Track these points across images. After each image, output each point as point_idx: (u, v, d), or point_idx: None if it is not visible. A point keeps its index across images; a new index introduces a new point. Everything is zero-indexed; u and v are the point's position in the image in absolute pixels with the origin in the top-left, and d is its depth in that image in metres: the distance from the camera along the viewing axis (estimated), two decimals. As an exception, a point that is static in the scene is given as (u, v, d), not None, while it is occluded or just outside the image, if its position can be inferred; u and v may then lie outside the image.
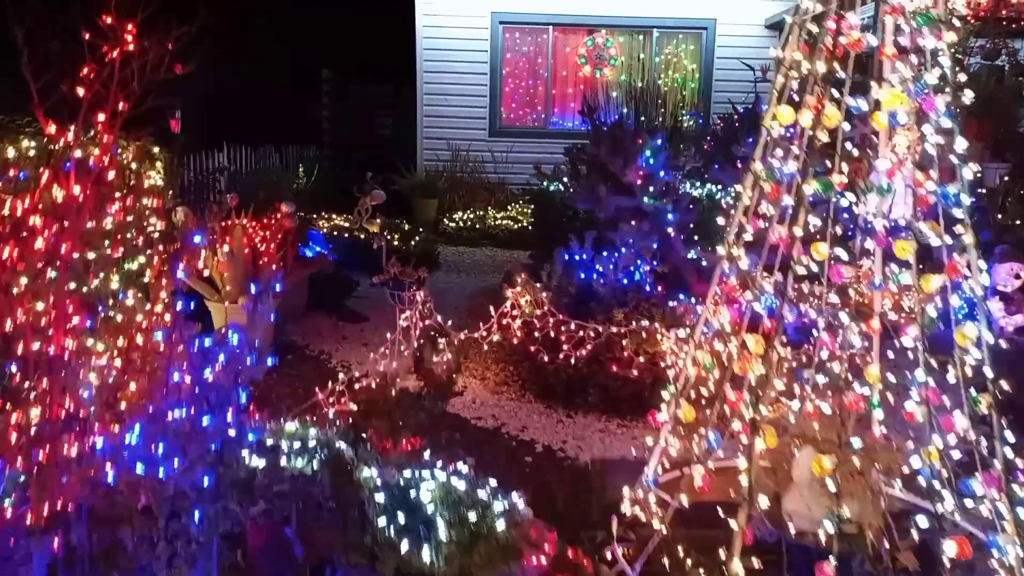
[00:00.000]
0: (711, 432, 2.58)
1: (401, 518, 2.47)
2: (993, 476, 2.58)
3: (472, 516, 2.45)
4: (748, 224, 2.82)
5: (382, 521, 2.56)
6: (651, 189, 5.41)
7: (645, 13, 11.59)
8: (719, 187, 6.61)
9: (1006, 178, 6.37)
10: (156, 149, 4.88)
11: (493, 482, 2.85)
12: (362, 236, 8.76)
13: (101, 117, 2.32)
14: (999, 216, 5.97)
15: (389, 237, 8.44)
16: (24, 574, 2.46)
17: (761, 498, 2.47)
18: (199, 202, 6.83)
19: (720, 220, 5.97)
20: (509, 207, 11.19)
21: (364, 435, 3.63)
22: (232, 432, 2.59)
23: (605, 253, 5.07)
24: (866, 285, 3.36)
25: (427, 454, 3.06)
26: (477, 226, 10.82)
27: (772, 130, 2.66)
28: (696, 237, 5.74)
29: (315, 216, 9.38)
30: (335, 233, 8.69)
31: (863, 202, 2.57)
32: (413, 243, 8.76)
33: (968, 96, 2.78)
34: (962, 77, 2.84)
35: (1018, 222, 5.91)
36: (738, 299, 2.84)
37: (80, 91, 2.29)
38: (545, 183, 8.27)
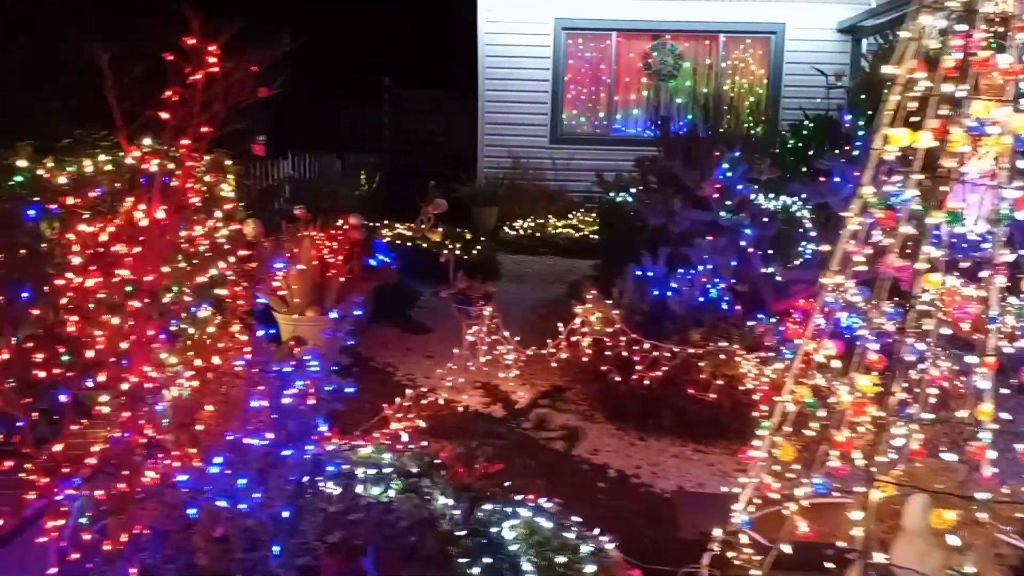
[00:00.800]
0: (816, 477, 2.40)
1: (487, 559, 2.35)
2: None
3: (560, 559, 2.32)
4: (855, 251, 2.63)
5: (463, 560, 2.45)
6: (727, 203, 5.21)
7: (711, 18, 11.31)
8: (794, 200, 6.35)
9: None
10: (228, 162, 4.90)
11: (576, 518, 2.72)
12: (424, 245, 8.73)
13: (185, 141, 2.26)
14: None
15: (451, 246, 8.38)
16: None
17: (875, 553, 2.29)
18: (265, 212, 6.85)
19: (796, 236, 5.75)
20: (570, 215, 11.04)
21: (436, 460, 3.53)
22: (310, 463, 2.52)
23: (680, 269, 4.89)
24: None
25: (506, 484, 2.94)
26: (537, 234, 10.69)
27: (884, 153, 2.47)
28: (771, 253, 5.51)
29: (377, 225, 9.38)
30: (397, 242, 8.65)
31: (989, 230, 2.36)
32: (475, 252, 8.68)
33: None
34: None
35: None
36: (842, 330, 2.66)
37: (164, 115, 2.24)
38: (611, 193, 8.09)
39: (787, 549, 2.49)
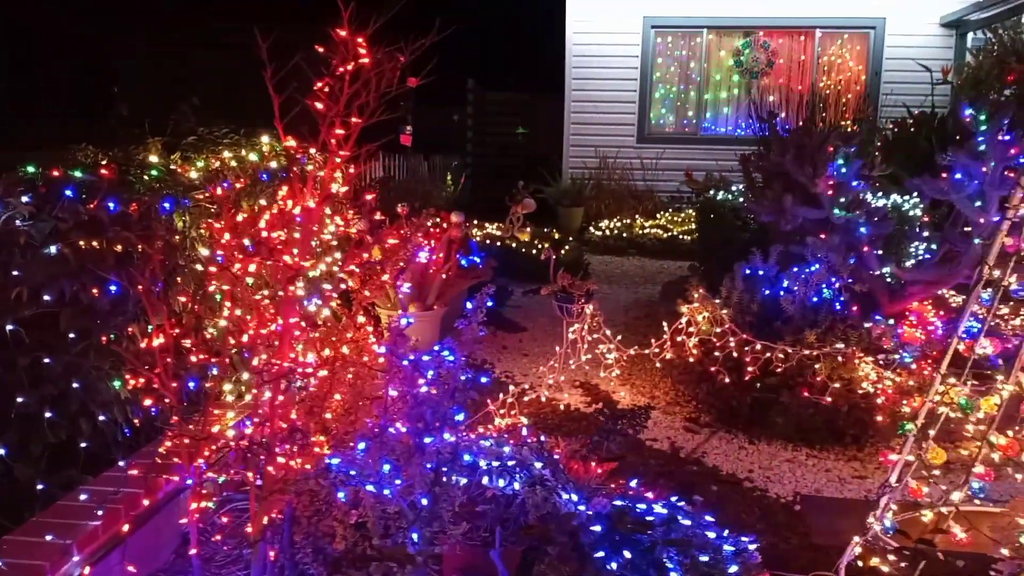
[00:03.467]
0: (975, 481, 2.27)
1: (627, 554, 2.31)
2: None
3: (703, 557, 2.26)
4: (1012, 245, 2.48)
5: (599, 554, 2.41)
6: (841, 200, 5.03)
7: (807, 13, 11.00)
8: (907, 198, 6.09)
9: None
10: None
11: (710, 519, 2.65)
12: (513, 245, 8.75)
13: (338, 131, 2.30)
14: None
15: (540, 246, 8.37)
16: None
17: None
18: (360, 211, 6.98)
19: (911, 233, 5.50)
20: (658, 215, 10.89)
21: (555, 455, 3.51)
22: (448, 451, 2.52)
23: (795, 268, 4.73)
24: None
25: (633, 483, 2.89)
26: (624, 235, 10.58)
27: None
28: (882, 252, 5.28)
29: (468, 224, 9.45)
30: (487, 242, 8.71)
31: None
32: (563, 252, 8.65)
33: None
34: None
35: None
36: (998, 329, 2.51)
37: (318, 105, 2.28)
38: (710, 191, 7.93)
39: (938, 555, 2.37)
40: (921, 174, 4.83)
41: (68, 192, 3.03)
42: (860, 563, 2.65)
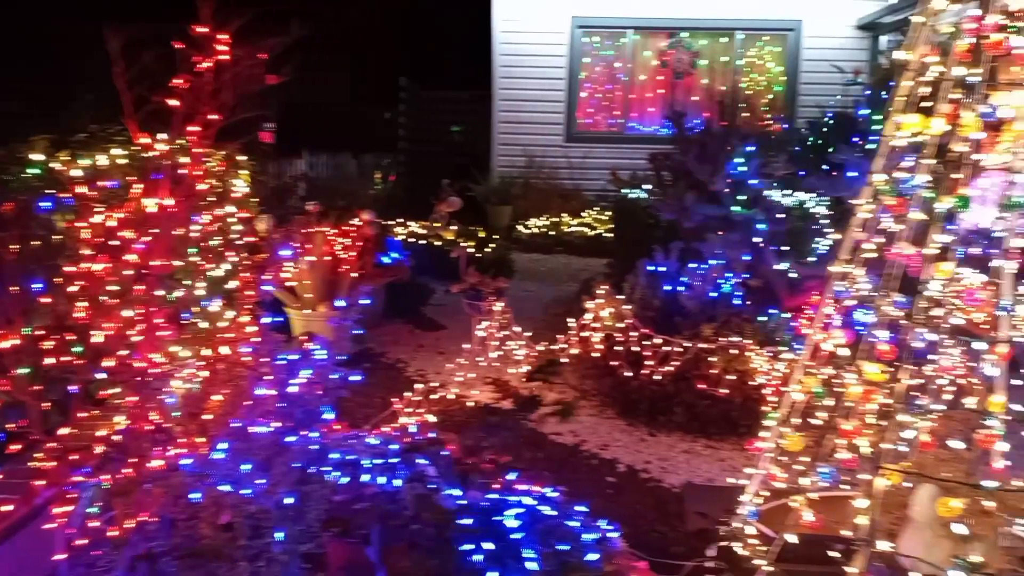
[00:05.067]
0: (823, 466, 2.38)
1: (489, 545, 2.34)
2: None
3: (563, 546, 2.31)
4: (864, 239, 2.60)
5: (465, 547, 2.45)
6: (740, 198, 5.18)
7: (728, 15, 11.24)
8: (811, 196, 6.30)
9: None
10: (243, 157, 4.93)
11: (581, 508, 2.71)
12: (437, 243, 8.74)
13: (194, 128, 2.28)
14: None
15: (464, 244, 8.38)
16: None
17: (880, 542, 2.26)
18: (279, 210, 6.90)
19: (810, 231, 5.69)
20: (584, 214, 11.01)
21: (445, 451, 3.53)
22: (316, 450, 2.52)
23: (693, 265, 4.86)
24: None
25: (513, 475, 2.93)
26: (551, 233, 10.68)
27: (894, 140, 2.44)
28: (786, 249, 5.46)
29: (392, 223, 9.42)
30: (411, 240, 8.68)
31: (1000, 217, 2.33)
32: (488, 250, 8.69)
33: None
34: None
35: None
36: (851, 320, 2.63)
37: (173, 102, 2.26)
38: (624, 190, 8.07)
39: (792, 539, 2.47)
40: (819, 173, 5.01)
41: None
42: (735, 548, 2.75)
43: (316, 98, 14.69)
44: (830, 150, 6.57)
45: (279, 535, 2.39)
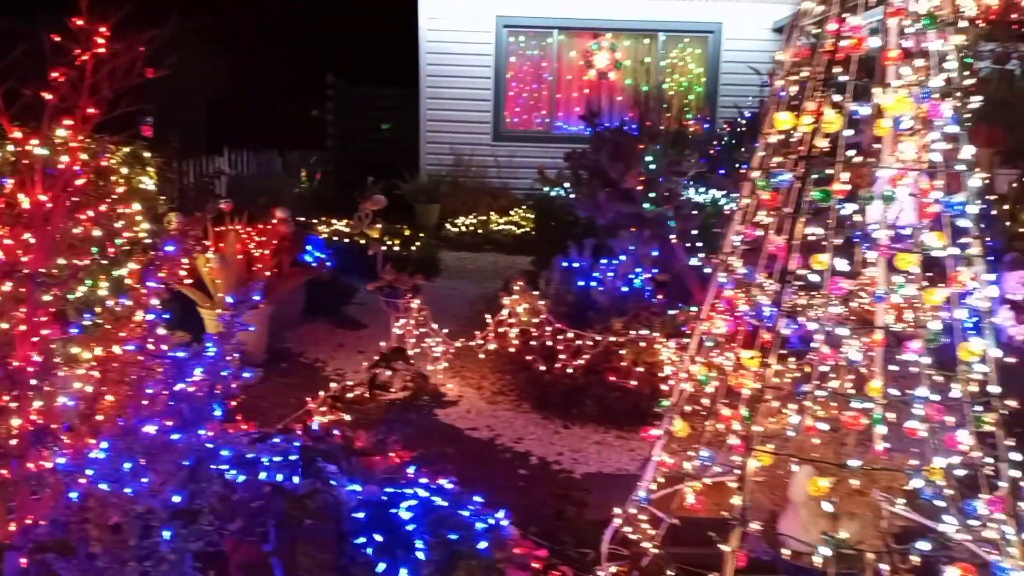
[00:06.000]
0: (704, 449, 2.47)
1: (379, 537, 2.37)
2: (998, 497, 2.46)
3: (453, 535, 2.35)
4: (745, 233, 2.71)
5: (359, 540, 2.46)
6: (652, 195, 5.31)
7: (651, 16, 11.47)
8: (724, 193, 6.50)
9: (1014, 184, 6.22)
10: (147, 154, 4.81)
11: (478, 499, 2.75)
12: (362, 241, 8.68)
13: (68, 122, 2.23)
14: (1009, 224, 5.82)
15: (389, 242, 8.35)
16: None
17: (754, 519, 2.36)
18: (198, 208, 6.77)
19: (721, 227, 5.88)
20: (512, 212, 11.09)
21: (348, 447, 3.54)
22: (207, 447, 2.50)
23: (605, 260, 4.96)
24: (869, 296, 3.24)
25: (412, 469, 2.96)
26: (480, 231, 10.73)
27: (770, 136, 2.55)
28: (699, 244, 5.63)
29: (316, 221, 9.31)
30: (335, 238, 8.61)
31: (865, 211, 2.46)
32: (413, 248, 8.68)
33: (976, 101, 2.68)
34: (968, 81, 2.73)
35: (1029, 229, 5.76)
36: (735, 310, 2.74)
37: (47, 95, 2.21)
38: (547, 188, 8.17)
39: (674, 522, 2.56)
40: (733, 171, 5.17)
41: None
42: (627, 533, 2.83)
43: (242, 95, 14.40)
44: (742, 149, 6.81)
45: (166, 534, 2.36)
